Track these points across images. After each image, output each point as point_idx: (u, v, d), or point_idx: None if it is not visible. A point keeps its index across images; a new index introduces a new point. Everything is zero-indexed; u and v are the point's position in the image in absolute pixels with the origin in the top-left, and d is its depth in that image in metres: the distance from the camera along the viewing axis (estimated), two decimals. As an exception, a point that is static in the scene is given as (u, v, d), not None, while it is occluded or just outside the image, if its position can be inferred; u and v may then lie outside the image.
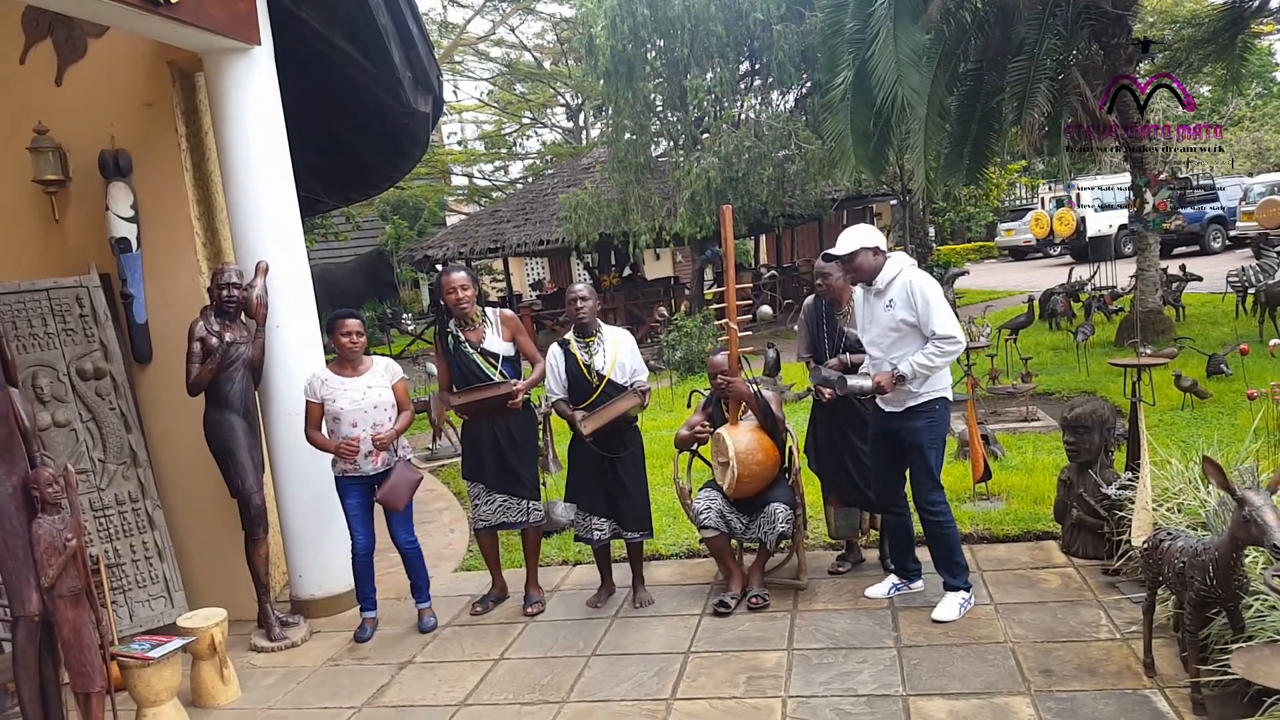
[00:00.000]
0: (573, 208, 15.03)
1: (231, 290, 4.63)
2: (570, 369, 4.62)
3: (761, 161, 13.79)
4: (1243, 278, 10.67)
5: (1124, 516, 4.16)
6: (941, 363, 3.97)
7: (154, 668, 3.67)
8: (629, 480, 4.63)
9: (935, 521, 4.15)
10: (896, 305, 4.03)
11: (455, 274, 4.66)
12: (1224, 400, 7.19)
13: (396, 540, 4.68)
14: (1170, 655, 3.45)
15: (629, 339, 4.74)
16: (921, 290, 3.96)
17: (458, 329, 4.66)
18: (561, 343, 4.71)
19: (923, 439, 4.09)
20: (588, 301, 4.63)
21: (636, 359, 4.70)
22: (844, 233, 4.21)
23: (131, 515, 4.80)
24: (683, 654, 4.07)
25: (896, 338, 4.06)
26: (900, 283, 4.03)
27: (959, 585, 4.16)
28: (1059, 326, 12.00)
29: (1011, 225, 25.94)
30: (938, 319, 3.93)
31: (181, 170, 5.10)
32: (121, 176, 4.93)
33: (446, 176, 27.47)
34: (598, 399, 4.54)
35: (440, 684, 4.08)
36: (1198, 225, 20.78)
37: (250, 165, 4.82)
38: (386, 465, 4.59)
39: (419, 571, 4.77)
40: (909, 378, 3.97)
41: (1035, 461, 6.16)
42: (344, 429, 4.50)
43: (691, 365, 11.95)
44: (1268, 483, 2.81)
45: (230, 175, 4.88)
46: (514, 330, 4.75)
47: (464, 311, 4.62)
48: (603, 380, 4.56)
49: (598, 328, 4.67)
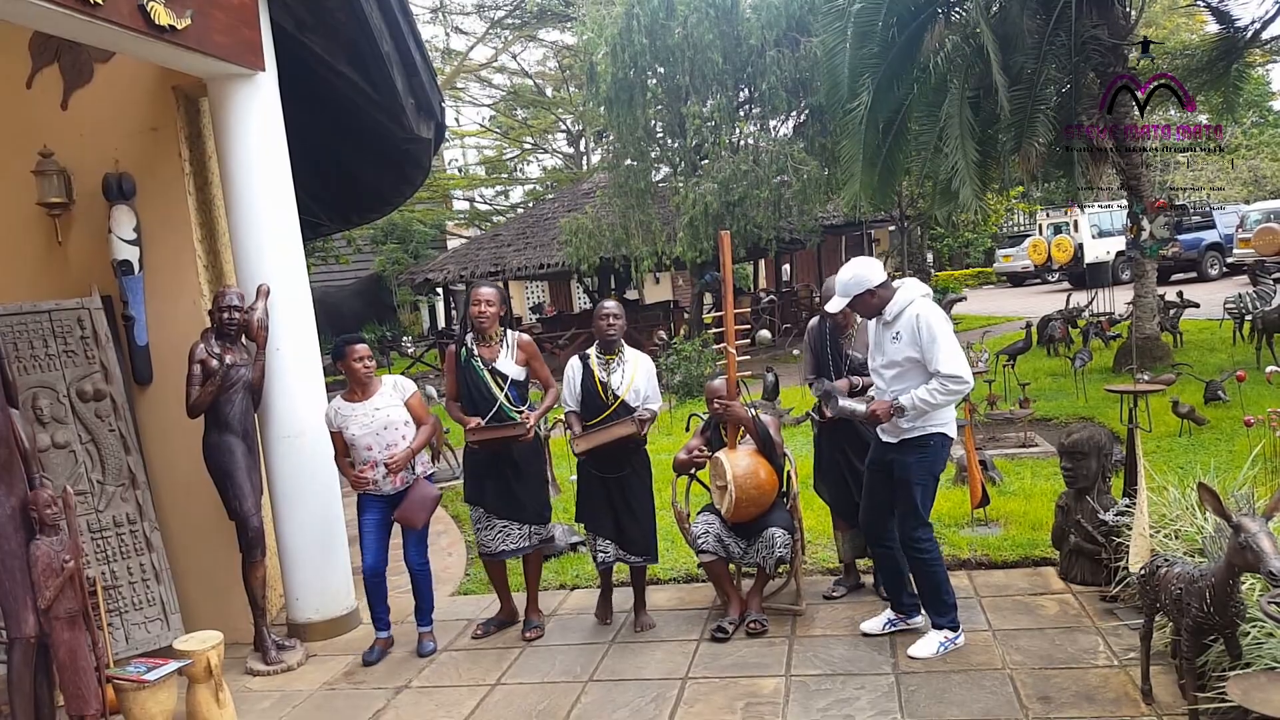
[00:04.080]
0: (573, 232, 15.12)
1: (233, 313, 4.64)
2: (586, 384, 4.65)
3: (759, 185, 13.90)
4: (1240, 304, 10.70)
5: (1122, 543, 4.16)
6: (943, 401, 3.84)
7: (149, 690, 3.65)
8: (635, 503, 4.62)
9: (920, 559, 4.04)
10: (902, 339, 3.91)
11: (485, 288, 4.71)
12: (1221, 427, 7.20)
13: (409, 560, 4.67)
14: (1168, 682, 3.44)
15: (649, 364, 4.75)
16: (929, 326, 3.82)
17: (473, 343, 4.67)
18: (582, 356, 4.74)
19: (912, 474, 3.99)
20: (619, 320, 4.65)
21: (652, 385, 4.71)
22: (838, 276, 4.07)
23: (129, 537, 4.79)
24: (680, 679, 4.06)
25: (899, 371, 3.96)
26: (908, 316, 3.90)
27: (944, 624, 4.05)
28: (1057, 352, 12.03)
29: (1009, 251, 26.07)
30: (943, 357, 3.80)
31: (185, 194, 5.14)
32: (125, 199, 4.97)
33: (448, 200, 27.62)
34: (608, 418, 4.55)
35: (436, 709, 4.06)
36: (1195, 252, 20.88)
37: (253, 189, 4.86)
38: (405, 484, 4.60)
39: (425, 594, 4.76)
40: (907, 411, 3.89)
41: (1033, 487, 6.16)
42: (359, 453, 4.53)
43: (690, 389, 11.96)
44: (1263, 509, 2.81)
45: (233, 199, 4.91)
46: (530, 356, 4.74)
47: (483, 326, 4.62)
48: (617, 400, 4.57)
49: (621, 347, 4.68)
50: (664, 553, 5.72)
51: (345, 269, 23.64)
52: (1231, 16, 10.59)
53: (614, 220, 15.14)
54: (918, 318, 3.87)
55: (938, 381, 3.81)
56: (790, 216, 15.12)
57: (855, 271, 4.00)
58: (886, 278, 4.03)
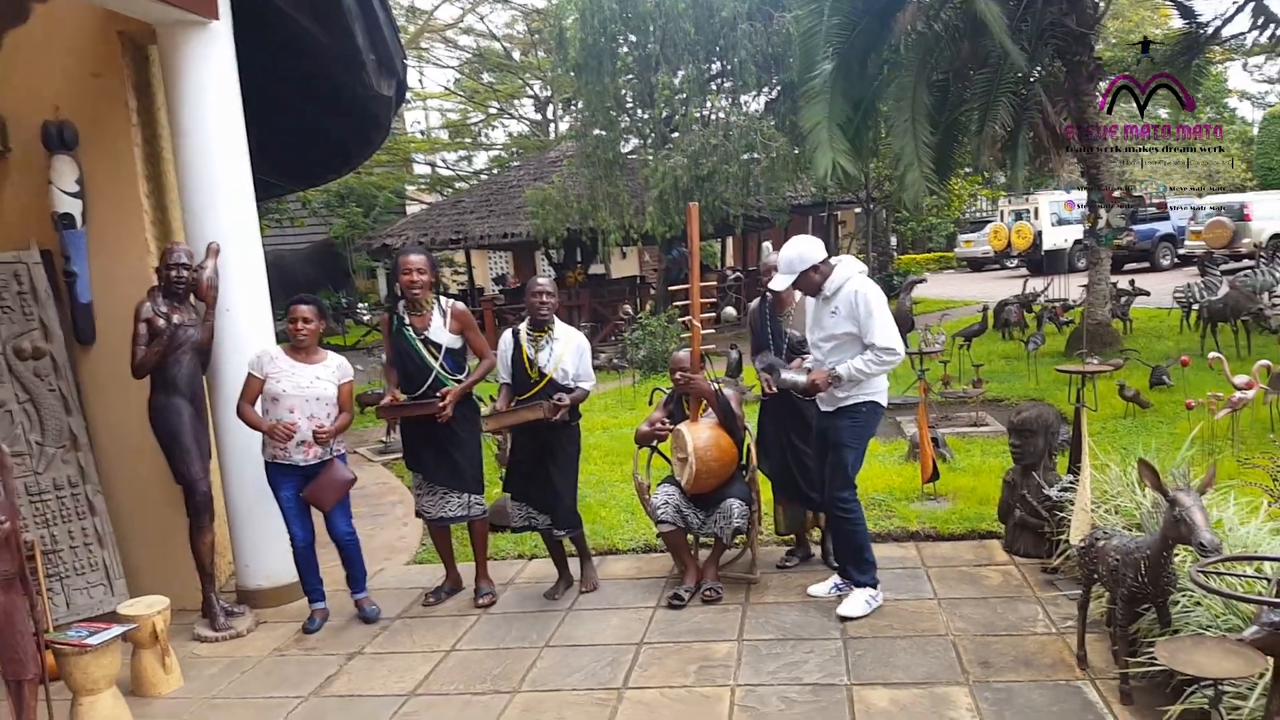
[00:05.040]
0: (539, 202, 14.95)
1: (181, 271, 4.52)
2: (515, 360, 4.64)
3: (728, 160, 13.86)
4: (1188, 294, 10.99)
5: (1064, 517, 4.27)
6: (877, 371, 4.05)
7: (92, 655, 3.57)
8: (558, 478, 4.64)
9: (843, 518, 4.23)
10: (840, 313, 4.09)
11: (413, 255, 4.61)
12: (1164, 410, 7.41)
13: (333, 532, 4.62)
14: (1102, 649, 3.57)
15: (581, 342, 4.73)
16: (865, 300, 4.02)
17: (405, 311, 4.62)
18: (514, 331, 4.72)
19: (844, 437, 4.17)
20: (552, 297, 4.64)
21: (584, 365, 4.69)
22: (782, 253, 4.20)
23: (70, 500, 4.67)
24: (635, 645, 4.10)
25: (836, 344, 4.14)
26: (846, 291, 4.08)
27: (865, 582, 4.23)
28: (1011, 336, 12.25)
29: (971, 237, 26.41)
30: (878, 330, 4.00)
31: (131, 146, 4.95)
32: (66, 150, 4.77)
33: (408, 164, 27.15)
34: (535, 395, 4.55)
35: (389, 674, 4.06)
36: (1149, 242, 21.31)
37: (204, 143, 4.71)
38: (319, 459, 4.52)
39: (355, 562, 4.72)
40: (843, 380, 4.06)
41: (982, 465, 6.29)
42: (280, 412, 4.43)
43: (655, 364, 11.97)
44: (1198, 485, 2.90)
45: (183, 153, 4.75)
46: (464, 325, 4.69)
47: (414, 295, 4.56)
48: (544, 378, 4.57)
49: (552, 325, 4.66)
50: (624, 523, 5.77)
51: (300, 232, 23.09)
52: (1195, 12, 10.77)
53: (581, 191, 15.00)
54: (855, 293, 4.04)
55: (872, 353, 4.01)
56: (759, 194, 15.11)
57: (799, 249, 4.15)
58: (827, 256, 4.16)
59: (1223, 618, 3.00)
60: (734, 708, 3.45)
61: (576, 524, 4.80)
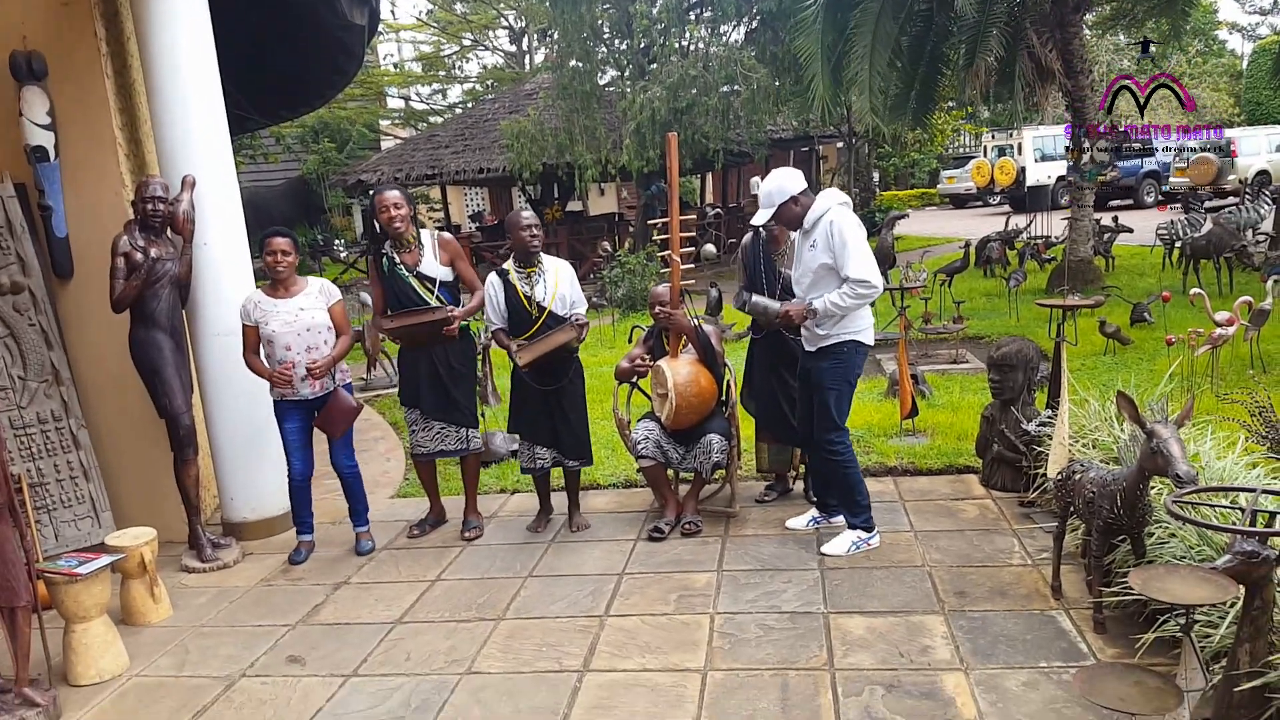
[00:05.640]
0: (515, 135, 14.68)
1: (157, 204, 4.46)
2: (510, 299, 4.58)
3: (708, 93, 13.64)
4: (1171, 231, 11.00)
5: (1042, 451, 4.35)
6: (853, 304, 3.96)
7: (82, 584, 3.62)
8: (571, 411, 4.66)
9: (834, 462, 4.21)
10: (818, 247, 4.02)
11: (388, 193, 4.54)
12: (1144, 347, 7.49)
13: (337, 464, 4.66)
14: (1077, 580, 3.66)
15: (569, 270, 4.71)
16: (840, 232, 3.92)
17: (393, 250, 4.57)
18: (500, 272, 4.65)
19: (825, 379, 4.13)
20: (540, 230, 4.60)
21: (576, 290, 4.68)
22: (761, 186, 4.13)
23: (55, 434, 4.67)
24: (617, 575, 4.17)
25: (814, 279, 4.07)
26: (823, 224, 4.00)
27: (858, 525, 4.23)
28: (993, 273, 12.28)
29: (954, 173, 26.27)
30: (853, 262, 3.90)
31: (102, 76, 4.83)
32: (36, 80, 4.63)
33: (382, 99, 26.58)
34: (538, 330, 4.52)
35: (376, 603, 4.12)
36: (1133, 179, 21.30)
37: (176, 73, 4.61)
38: (325, 390, 4.53)
39: (358, 496, 4.76)
40: (819, 313, 4.01)
41: (961, 401, 6.37)
42: (278, 352, 4.43)
43: (634, 302, 11.95)
44: (1175, 417, 2.95)
45: (155, 83, 4.66)
46: (453, 255, 4.66)
47: (398, 232, 4.50)
48: (544, 312, 4.54)
49: (539, 258, 4.62)
50: (604, 459, 5.82)
51: (274, 169, 22.67)
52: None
53: (558, 125, 14.73)
54: (831, 224, 3.96)
55: (848, 285, 3.93)
56: (739, 127, 14.91)
57: (777, 182, 4.09)
58: (807, 187, 4.09)
59: (1197, 549, 3.05)
60: (713, 634, 3.53)
61: (588, 455, 4.79)
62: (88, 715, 3.37)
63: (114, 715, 3.36)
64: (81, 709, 3.41)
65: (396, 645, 3.69)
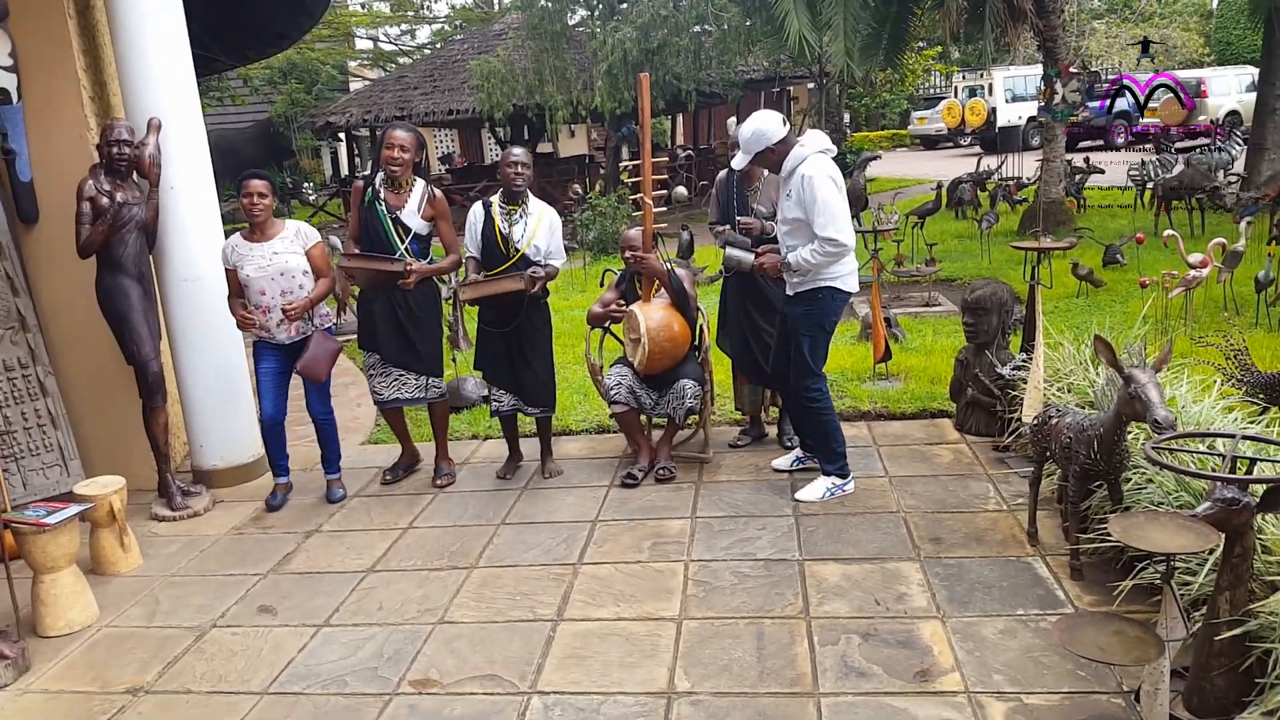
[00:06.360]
0: (485, 76, 14.36)
1: (122, 148, 4.36)
2: (486, 233, 4.51)
3: (679, 33, 13.37)
4: (1143, 172, 11.00)
5: (1016, 396, 4.36)
6: (823, 262, 3.91)
7: (50, 534, 3.55)
8: (533, 357, 4.60)
9: (810, 408, 4.20)
10: (792, 198, 3.97)
11: (399, 131, 4.42)
12: (1117, 289, 7.53)
13: (312, 410, 4.60)
14: (1053, 526, 3.67)
15: (554, 218, 4.62)
16: (812, 188, 3.84)
17: (382, 186, 4.46)
18: (485, 204, 4.57)
19: (801, 324, 4.11)
20: (527, 169, 4.49)
21: (555, 241, 4.60)
22: (740, 130, 4.07)
23: (21, 382, 4.58)
24: (590, 522, 4.16)
25: (790, 229, 4.03)
26: (797, 176, 3.92)
27: (832, 471, 4.23)
28: (965, 215, 12.27)
29: (924, 114, 26.09)
30: (821, 220, 3.83)
31: (65, 16, 4.69)
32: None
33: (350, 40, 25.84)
34: (506, 270, 4.45)
35: (348, 551, 4.09)
36: (1104, 120, 21.25)
37: (140, 13, 4.49)
38: (302, 334, 4.46)
39: (332, 443, 4.71)
40: (792, 267, 3.99)
41: (934, 344, 6.38)
42: (253, 296, 4.36)
43: (605, 246, 11.82)
44: (1153, 362, 2.95)
45: (118, 23, 4.54)
46: (439, 213, 4.55)
47: (394, 173, 4.40)
48: (517, 254, 4.46)
49: (526, 198, 4.53)
50: (576, 404, 5.79)
51: (242, 110, 22.08)
52: None
53: (527, 65, 14.42)
54: (804, 178, 3.88)
55: (818, 242, 3.89)
56: (710, 68, 14.66)
57: (755, 126, 4.01)
58: (787, 132, 4.00)
59: (1174, 495, 3.06)
60: (688, 581, 3.53)
61: (550, 404, 4.75)
62: (57, 667, 3.33)
63: (84, 666, 3.32)
64: (51, 660, 3.36)
65: (369, 594, 3.67)
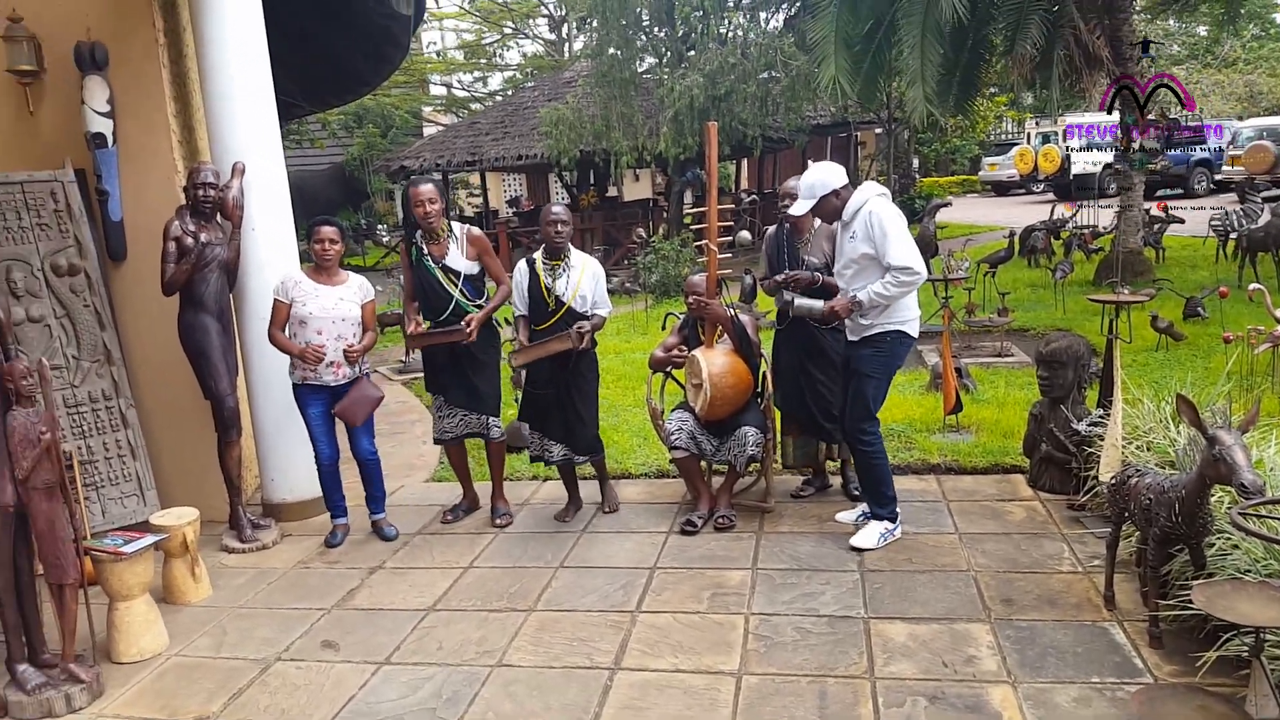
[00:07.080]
0: (554, 123, 14.66)
1: (207, 190, 4.57)
2: (532, 289, 4.62)
3: (746, 79, 13.49)
4: (1225, 222, 10.63)
5: (1092, 452, 4.22)
6: (898, 293, 3.94)
7: (126, 563, 3.67)
8: (583, 407, 4.66)
9: (863, 451, 4.18)
10: (858, 237, 4.02)
11: (423, 187, 4.58)
12: (1199, 343, 7.27)
13: (357, 450, 4.69)
14: (1130, 590, 3.51)
15: (596, 268, 4.71)
16: (880, 222, 3.93)
17: (423, 241, 4.63)
18: (529, 260, 4.69)
19: (866, 367, 4.11)
20: (567, 225, 4.60)
21: (600, 291, 4.68)
22: (802, 179, 4.16)
23: (105, 413, 4.76)
24: (649, 569, 4.13)
25: (857, 270, 4.06)
26: (862, 215, 4.00)
27: (884, 515, 4.19)
28: (1038, 264, 12.01)
29: (995, 160, 25.73)
30: (894, 250, 3.89)
31: (159, 66, 4.96)
32: (98, 70, 4.77)
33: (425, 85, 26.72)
34: (555, 324, 4.54)
35: (410, 589, 4.13)
36: (1183, 167, 20.70)
37: (228, 63, 4.72)
38: (348, 379, 4.59)
39: (376, 481, 4.80)
40: (865, 305, 3.99)
41: (1007, 396, 6.22)
42: (309, 334, 4.48)
43: (668, 289, 11.88)
44: (1239, 423, 2.83)
45: (208, 73, 4.77)
46: (481, 250, 4.70)
47: (430, 225, 4.56)
48: (562, 307, 4.54)
49: (568, 252, 4.63)
50: (636, 448, 5.79)
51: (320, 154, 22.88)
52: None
53: (595, 112, 14.67)
54: (870, 214, 3.97)
55: (890, 274, 3.91)
56: (777, 114, 14.74)
57: (818, 175, 4.10)
58: (848, 181, 4.09)
59: (1263, 562, 2.91)
60: (748, 635, 3.47)
61: (599, 449, 4.82)
62: (129, 693, 3.42)
63: (153, 694, 3.40)
64: (123, 686, 3.46)
65: (429, 634, 3.69)
